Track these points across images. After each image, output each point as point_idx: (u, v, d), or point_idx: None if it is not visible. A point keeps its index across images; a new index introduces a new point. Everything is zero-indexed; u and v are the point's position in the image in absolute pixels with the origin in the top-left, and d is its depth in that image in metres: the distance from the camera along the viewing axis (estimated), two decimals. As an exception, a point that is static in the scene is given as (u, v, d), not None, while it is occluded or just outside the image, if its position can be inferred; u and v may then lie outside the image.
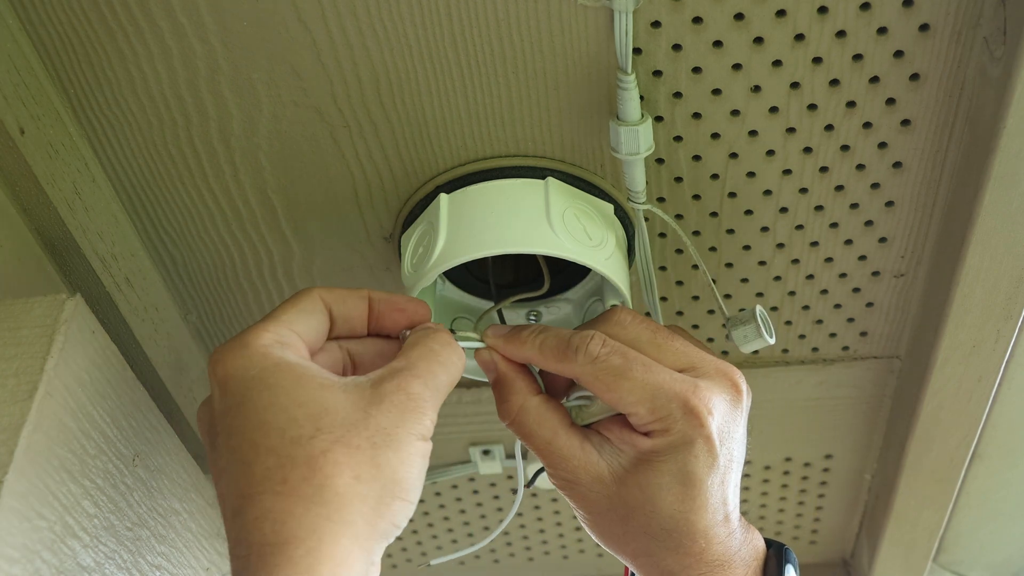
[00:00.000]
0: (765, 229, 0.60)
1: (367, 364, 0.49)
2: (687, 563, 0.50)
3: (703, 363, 0.50)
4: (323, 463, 0.41)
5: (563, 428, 0.51)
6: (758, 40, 0.49)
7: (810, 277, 0.63)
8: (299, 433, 0.41)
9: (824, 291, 0.64)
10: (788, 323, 0.66)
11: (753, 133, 0.54)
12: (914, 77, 0.51)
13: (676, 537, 0.49)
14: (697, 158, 0.55)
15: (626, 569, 0.56)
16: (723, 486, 0.50)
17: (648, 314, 0.62)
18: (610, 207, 0.56)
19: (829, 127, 0.53)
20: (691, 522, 0.49)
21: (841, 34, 0.49)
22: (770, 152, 0.55)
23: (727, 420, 0.50)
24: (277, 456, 0.41)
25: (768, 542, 0.53)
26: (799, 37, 0.49)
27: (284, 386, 0.42)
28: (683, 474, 0.49)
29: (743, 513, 0.88)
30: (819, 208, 0.58)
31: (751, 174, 0.56)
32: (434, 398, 0.45)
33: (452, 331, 0.50)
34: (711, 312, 0.65)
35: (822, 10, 0.48)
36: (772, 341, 0.56)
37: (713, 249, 0.61)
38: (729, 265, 0.62)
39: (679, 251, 0.62)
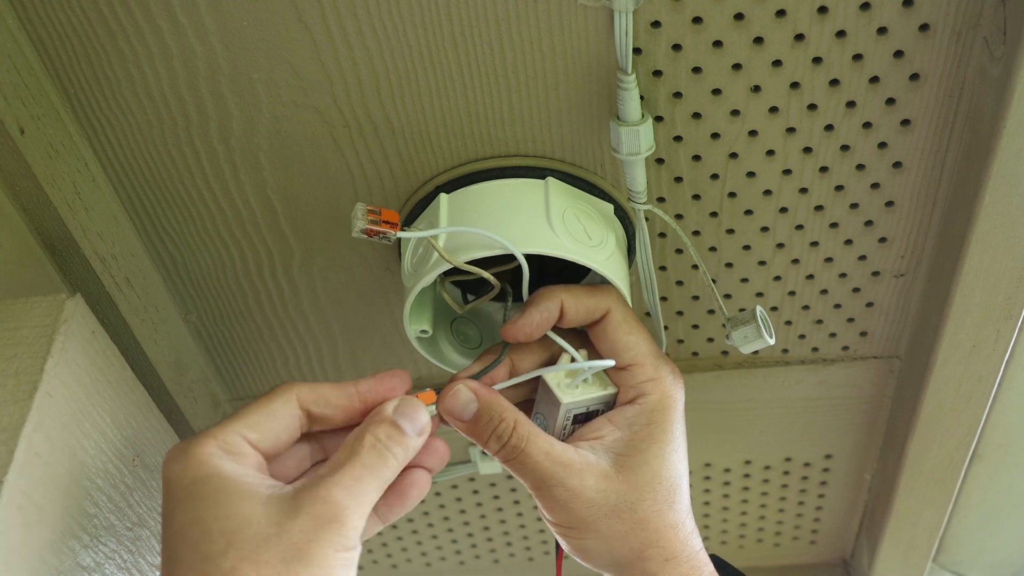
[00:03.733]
0: (765, 229, 0.60)
1: None
2: (682, 519, 0.52)
3: None
4: None
5: (552, 439, 0.52)
6: (758, 40, 0.49)
7: (810, 277, 0.63)
8: (210, 549, 0.41)
9: (824, 291, 0.64)
10: (788, 323, 0.66)
11: (753, 133, 0.54)
12: (914, 77, 0.51)
13: (677, 493, 0.52)
14: (697, 158, 0.55)
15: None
16: None
17: (648, 314, 0.62)
18: (610, 207, 0.56)
19: (829, 127, 0.53)
20: (683, 475, 0.53)
21: (841, 34, 0.49)
22: (770, 152, 0.55)
23: None
24: (192, 571, 0.41)
25: None
26: (799, 37, 0.49)
27: (207, 498, 0.43)
28: (676, 435, 0.53)
29: (743, 513, 0.88)
30: (819, 208, 0.58)
31: (751, 174, 0.56)
32: (359, 504, 0.44)
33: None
34: (711, 312, 0.65)
35: (822, 10, 0.48)
36: (772, 341, 0.56)
37: (713, 249, 0.61)
38: (729, 265, 0.62)
39: (679, 251, 0.62)
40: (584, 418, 0.54)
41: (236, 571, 0.41)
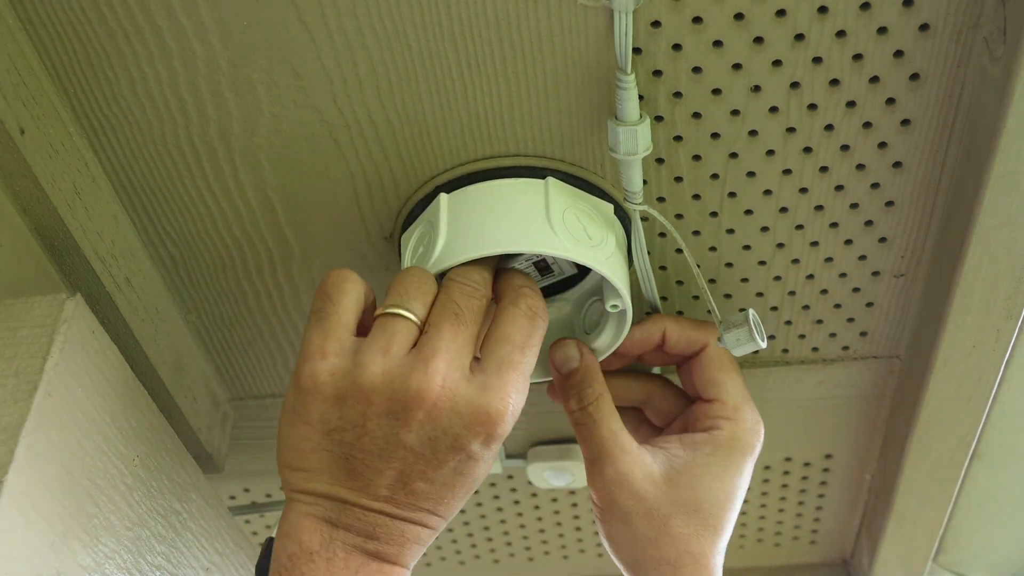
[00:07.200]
0: (765, 229, 0.60)
1: None
2: (708, 553, 0.55)
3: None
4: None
5: (623, 427, 0.57)
6: (758, 40, 0.49)
7: (810, 277, 0.63)
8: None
9: (824, 291, 0.64)
10: (788, 323, 0.66)
11: (753, 133, 0.54)
12: (914, 77, 0.51)
13: (714, 530, 0.56)
14: (697, 158, 0.55)
15: None
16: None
17: (648, 314, 0.62)
18: (610, 207, 0.56)
19: (829, 127, 0.53)
20: (726, 523, 0.56)
21: (841, 34, 0.49)
22: (770, 152, 0.55)
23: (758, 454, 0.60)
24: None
25: None
26: (799, 37, 0.49)
27: None
28: (731, 478, 0.57)
29: (743, 513, 0.88)
30: (819, 208, 0.58)
31: (751, 174, 0.56)
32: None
33: None
34: (711, 312, 0.65)
35: (822, 10, 0.48)
36: (764, 345, 0.56)
37: (713, 249, 0.61)
38: (729, 265, 0.62)
39: (679, 251, 0.62)
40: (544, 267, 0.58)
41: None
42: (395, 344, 0.48)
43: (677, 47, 0.50)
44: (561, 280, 0.60)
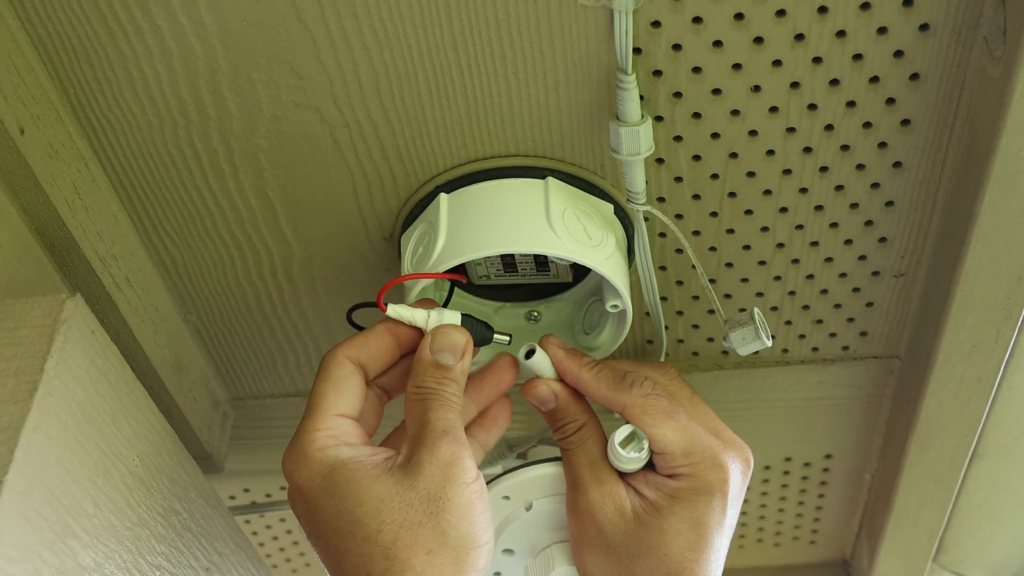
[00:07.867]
0: (765, 229, 0.60)
1: (401, 390, 0.54)
2: None
3: (726, 432, 0.56)
4: (396, 551, 0.46)
5: (605, 456, 0.55)
6: (758, 40, 0.49)
7: (810, 277, 0.63)
8: (367, 532, 0.46)
9: (824, 291, 0.64)
10: (788, 323, 0.66)
11: (753, 133, 0.54)
12: (914, 77, 0.51)
13: (689, 572, 0.53)
14: (697, 158, 0.55)
15: None
16: (722, 546, 0.54)
17: (648, 314, 0.62)
18: (610, 207, 0.56)
19: (829, 127, 0.53)
20: (694, 573, 0.53)
21: (841, 34, 0.49)
22: (770, 152, 0.55)
23: (738, 486, 0.54)
24: (357, 556, 0.46)
25: None
26: (799, 37, 0.49)
27: (342, 490, 0.47)
28: (698, 522, 0.52)
29: (743, 513, 0.88)
30: (819, 208, 0.58)
31: (751, 174, 0.56)
32: (458, 439, 0.49)
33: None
34: (711, 312, 0.65)
35: (822, 10, 0.48)
36: (770, 343, 0.56)
37: (713, 249, 0.61)
38: (729, 265, 0.62)
39: (679, 251, 0.62)
40: None
41: (397, 540, 0.46)
42: None
43: (677, 47, 0.50)
44: (560, 281, 0.60)
